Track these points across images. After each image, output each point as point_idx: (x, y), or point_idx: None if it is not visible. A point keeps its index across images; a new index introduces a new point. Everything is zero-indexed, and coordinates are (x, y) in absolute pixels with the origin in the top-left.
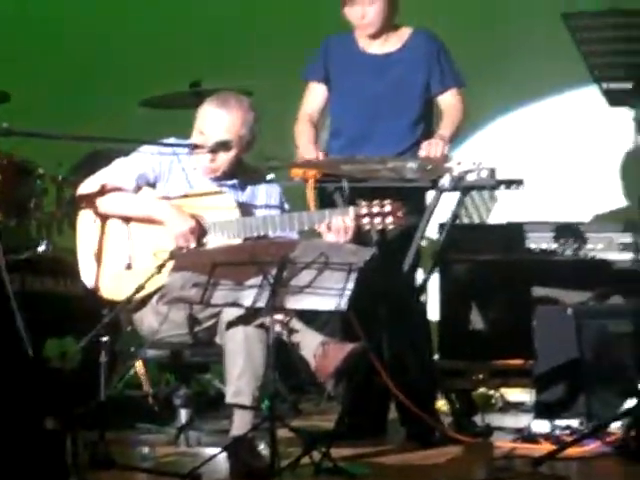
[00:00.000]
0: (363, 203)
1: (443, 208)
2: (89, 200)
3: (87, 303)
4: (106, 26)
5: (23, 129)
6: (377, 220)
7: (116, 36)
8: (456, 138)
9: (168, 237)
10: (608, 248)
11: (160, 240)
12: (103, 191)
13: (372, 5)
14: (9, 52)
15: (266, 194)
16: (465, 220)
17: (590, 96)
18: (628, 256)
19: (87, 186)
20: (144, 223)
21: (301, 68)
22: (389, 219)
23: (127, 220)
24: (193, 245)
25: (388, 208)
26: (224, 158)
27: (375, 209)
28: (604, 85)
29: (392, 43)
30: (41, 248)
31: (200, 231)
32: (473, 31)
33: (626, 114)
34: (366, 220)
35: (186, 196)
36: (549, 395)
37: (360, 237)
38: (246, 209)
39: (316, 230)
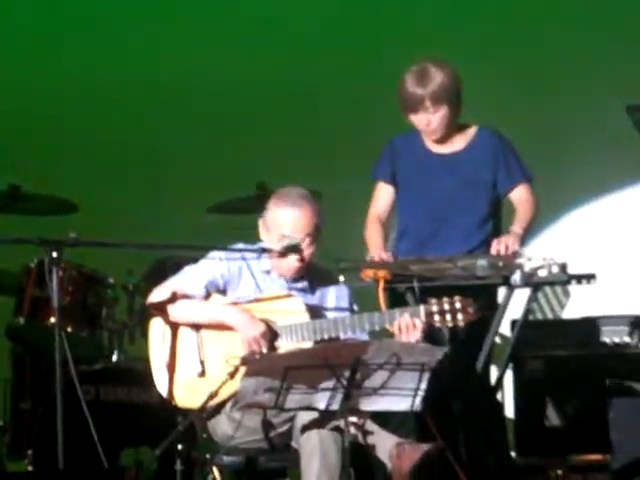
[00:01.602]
0: (433, 301)
1: (515, 304)
2: (160, 308)
3: (161, 411)
4: (169, 135)
5: (91, 239)
6: (448, 317)
7: (178, 144)
8: (529, 232)
9: (239, 342)
10: None
11: (231, 346)
12: (173, 299)
13: (436, 113)
14: (78, 162)
15: (336, 296)
16: (538, 316)
17: None
18: None
19: (157, 294)
20: (215, 329)
21: (366, 168)
22: (460, 315)
23: (198, 327)
24: (265, 349)
25: (458, 305)
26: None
27: (446, 306)
28: None
29: (458, 142)
30: (114, 358)
31: (271, 335)
32: (542, 125)
33: None
34: (437, 318)
35: (256, 300)
36: None
37: (432, 335)
38: (316, 312)
39: (386, 329)
